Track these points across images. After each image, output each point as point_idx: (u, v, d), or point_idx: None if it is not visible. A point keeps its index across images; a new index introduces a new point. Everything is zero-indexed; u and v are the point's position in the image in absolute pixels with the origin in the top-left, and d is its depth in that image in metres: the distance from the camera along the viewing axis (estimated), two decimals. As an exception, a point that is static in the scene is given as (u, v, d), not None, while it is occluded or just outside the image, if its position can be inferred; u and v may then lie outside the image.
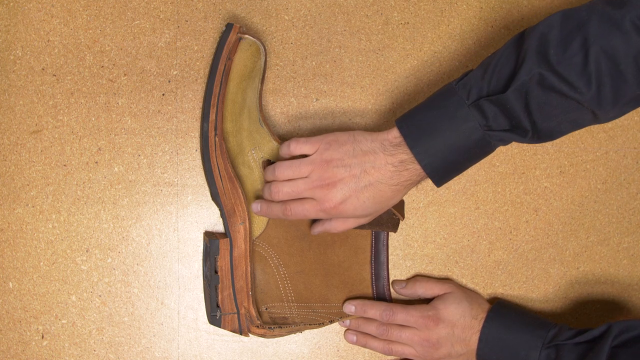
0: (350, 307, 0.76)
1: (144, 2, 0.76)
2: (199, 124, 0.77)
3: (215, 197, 0.73)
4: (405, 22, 0.79)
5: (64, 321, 0.76)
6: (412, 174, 0.65)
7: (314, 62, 0.78)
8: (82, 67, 0.76)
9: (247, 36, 0.71)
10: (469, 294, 0.78)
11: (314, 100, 0.79)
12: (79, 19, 0.76)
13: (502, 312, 0.74)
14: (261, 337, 0.74)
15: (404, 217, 0.77)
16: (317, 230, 0.73)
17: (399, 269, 0.80)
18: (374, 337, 0.77)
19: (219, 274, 0.72)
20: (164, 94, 0.77)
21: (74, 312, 0.76)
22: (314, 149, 0.68)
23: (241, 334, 0.73)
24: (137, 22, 0.76)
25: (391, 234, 0.79)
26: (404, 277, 0.80)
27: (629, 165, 0.82)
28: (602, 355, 0.66)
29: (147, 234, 0.77)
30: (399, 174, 0.65)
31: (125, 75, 0.76)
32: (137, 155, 0.76)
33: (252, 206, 0.73)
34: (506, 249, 0.81)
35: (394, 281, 0.80)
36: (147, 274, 0.77)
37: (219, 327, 0.72)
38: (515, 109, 0.60)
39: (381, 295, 0.78)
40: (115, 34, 0.76)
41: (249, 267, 0.73)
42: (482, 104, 0.61)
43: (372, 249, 0.78)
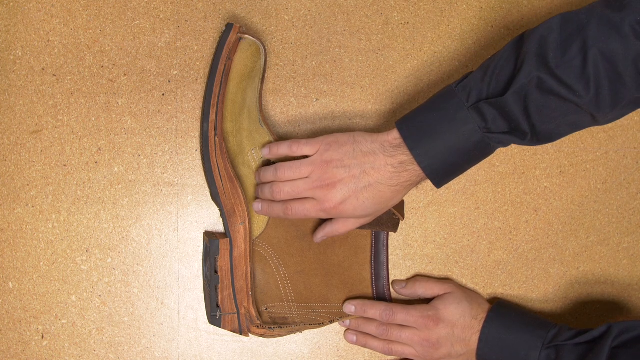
0: (350, 307, 0.76)
1: (144, 2, 0.76)
2: (199, 124, 0.76)
3: (215, 197, 0.73)
4: (405, 22, 0.79)
5: (64, 321, 0.77)
6: (412, 175, 0.66)
7: (314, 62, 0.78)
8: (82, 67, 0.76)
9: (247, 36, 0.71)
10: (469, 294, 0.78)
11: (314, 100, 0.78)
12: (79, 19, 0.76)
13: (502, 312, 0.74)
14: (261, 337, 0.74)
15: (404, 217, 0.77)
16: (319, 236, 0.73)
17: (399, 269, 0.80)
18: (374, 337, 0.77)
19: (219, 274, 0.72)
20: (164, 94, 0.77)
21: (74, 312, 0.77)
22: (314, 150, 0.68)
23: (241, 334, 0.73)
24: (137, 22, 0.76)
25: (391, 234, 0.79)
26: (404, 277, 0.80)
27: (629, 165, 0.82)
28: (602, 356, 0.66)
29: (147, 234, 0.77)
30: (398, 175, 0.65)
31: (125, 75, 0.76)
32: (137, 155, 0.76)
33: (253, 205, 0.73)
34: (506, 249, 0.81)
35: (394, 281, 0.80)
36: (147, 274, 0.77)
37: (219, 327, 0.72)
38: (514, 111, 0.60)
39: (381, 295, 0.78)
40: (115, 34, 0.76)
41: (249, 267, 0.73)
42: (482, 106, 0.62)
43: (372, 249, 0.78)
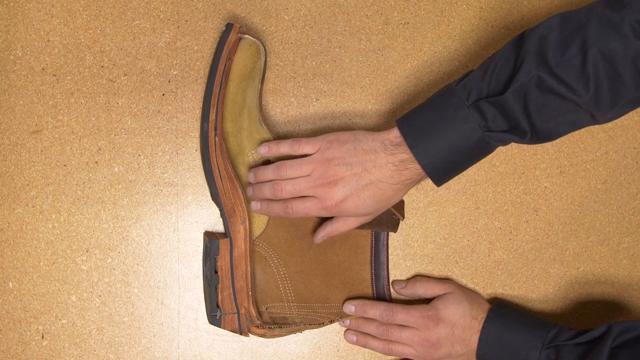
0: (350, 307, 0.76)
1: (144, 2, 0.76)
2: (199, 124, 0.76)
3: (215, 197, 0.73)
4: (405, 22, 0.79)
5: (64, 321, 0.76)
6: (413, 173, 0.66)
7: (314, 62, 0.78)
8: (82, 67, 0.76)
9: (247, 36, 0.71)
10: (469, 294, 0.78)
11: (314, 100, 0.78)
12: (79, 19, 0.76)
13: (502, 312, 0.74)
14: (261, 337, 0.74)
15: (404, 217, 0.77)
16: (320, 236, 0.73)
17: (399, 269, 0.80)
18: (374, 337, 0.77)
19: (219, 274, 0.72)
20: (164, 94, 0.77)
21: (74, 312, 0.76)
22: (315, 148, 0.68)
23: (241, 334, 0.73)
24: (137, 22, 0.76)
25: (391, 234, 0.79)
26: (404, 277, 0.80)
27: (629, 165, 0.82)
28: (602, 356, 0.66)
29: (147, 234, 0.77)
30: (399, 173, 0.65)
31: (125, 75, 0.76)
32: (137, 155, 0.76)
33: (251, 205, 0.73)
34: (506, 249, 0.81)
35: (394, 281, 0.80)
36: (147, 274, 0.77)
37: (219, 327, 0.72)
38: (514, 110, 0.61)
39: (381, 295, 0.78)
40: (115, 34, 0.76)
41: (249, 267, 0.73)
42: (482, 105, 0.62)
43: (372, 249, 0.78)
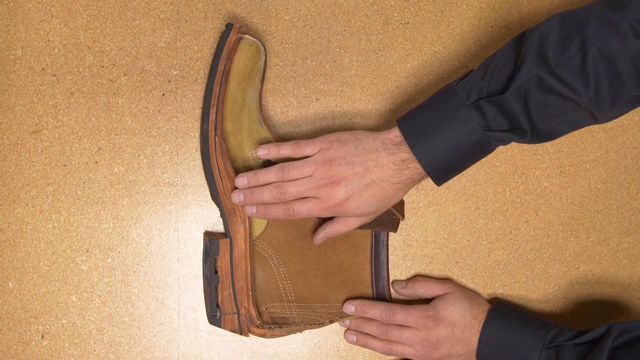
0: (350, 307, 0.76)
1: (144, 2, 0.76)
2: (199, 124, 0.76)
3: (215, 197, 0.73)
4: (405, 22, 0.79)
5: (64, 321, 0.76)
6: (413, 173, 0.66)
7: (314, 62, 0.78)
8: (82, 67, 0.76)
9: (247, 36, 0.71)
10: (469, 294, 0.78)
11: (314, 100, 0.78)
12: (79, 19, 0.76)
13: (502, 312, 0.74)
14: (261, 337, 0.74)
15: (404, 217, 0.77)
16: (320, 236, 0.73)
17: (399, 269, 0.80)
18: (374, 337, 0.77)
19: (219, 274, 0.72)
20: (164, 94, 0.77)
21: (74, 312, 0.76)
22: (316, 149, 0.68)
23: (241, 334, 0.73)
24: (137, 22, 0.76)
25: (391, 234, 0.79)
26: (404, 277, 0.80)
27: (629, 165, 0.82)
28: (602, 356, 0.66)
29: (147, 234, 0.77)
30: (400, 173, 0.65)
31: (125, 75, 0.76)
32: (137, 155, 0.76)
33: (246, 209, 0.71)
34: (506, 249, 0.81)
35: (394, 281, 0.80)
36: (147, 274, 0.77)
37: (219, 327, 0.72)
38: (514, 110, 0.61)
39: (381, 295, 0.78)
40: (115, 34, 0.76)
41: (249, 267, 0.73)
42: (482, 104, 0.62)
43: (372, 249, 0.78)
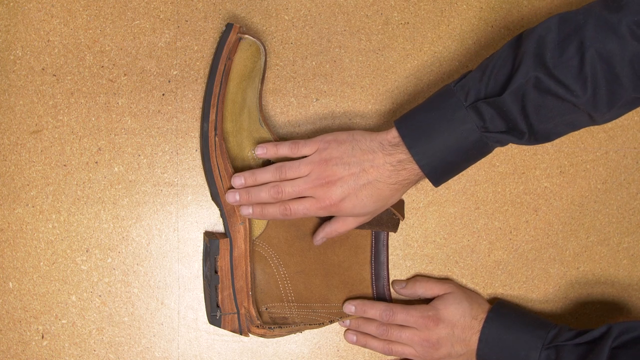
0: (350, 307, 0.76)
1: (144, 2, 0.76)
2: (199, 124, 0.76)
3: (215, 197, 0.73)
4: (405, 22, 0.79)
5: (64, 321, 0.77)
6: (410, 174, 0.66)
7: (314, 62, 0.78)
8: (82, 67, 0.76)
9: (247, 36, 0.71)
10: (469, 294, 0.78)
11: (314, 100, 0.78)
12: (79, 19, 0.76)
13: (502, 312, 0.74)
14: (261, 337, 0.74)
15: (403, 217, 0.77)
16: (319, 237, 0.73)
17: (399, 269, 0.80)
18: (374, 337, 0.77)
19: (219, 274, 0.72)
20: (164, 94, 0.77)
21: (74, 312, 0.76)
22: (313, 149, 0.69)
23: (241, 334, 0.73)
24: (137, 22, 0.76)
25: (391, 234, 0.79)
26: (404, 277, 0.80)
27: (629, 165, 0.82)
28: (602, 356, 0.66)
29: (147, 234, 0.77)
30: (397, 173, 0.65)
31: (125, 75, 0.76)
32: (137, 155, 0.76)
33: (241, 209, 0.71)
34: (506, 249, 0.81)
35: (394, 281, 0.80)
36: (147, 274, 0.77)
37: (219, 327, 0.72)
38: (512, 111, 0.61)
39: (381, 295, 0.78)
40: (115, 34, 0.76)
41: (249, 267, 0.73)
42: (480, 106, 0.62)
43: (372, 249, 0.78)
